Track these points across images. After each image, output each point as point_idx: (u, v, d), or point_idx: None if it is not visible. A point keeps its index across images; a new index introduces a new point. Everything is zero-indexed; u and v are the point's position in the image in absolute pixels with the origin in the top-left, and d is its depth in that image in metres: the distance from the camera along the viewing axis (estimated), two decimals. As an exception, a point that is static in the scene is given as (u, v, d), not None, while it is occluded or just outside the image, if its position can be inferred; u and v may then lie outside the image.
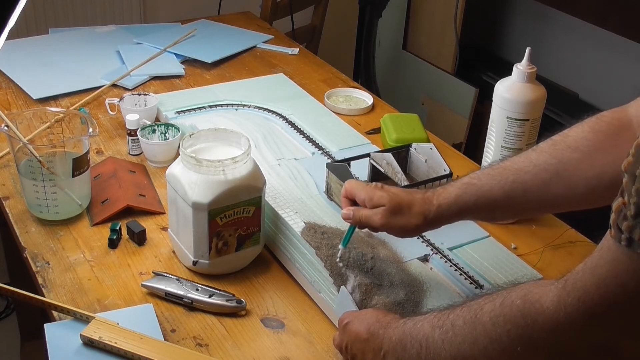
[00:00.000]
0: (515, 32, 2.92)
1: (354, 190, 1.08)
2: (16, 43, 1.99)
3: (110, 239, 1.25)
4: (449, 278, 1.17)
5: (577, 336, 0.69)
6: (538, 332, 0.71)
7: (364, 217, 1.05)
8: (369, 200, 1.05)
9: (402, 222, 1.03)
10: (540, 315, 0.71)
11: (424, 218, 1.02)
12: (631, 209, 0.60)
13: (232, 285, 1.18)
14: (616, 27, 2.23)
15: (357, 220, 1.06)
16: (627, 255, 0.62)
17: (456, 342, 0.80)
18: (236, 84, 1.84)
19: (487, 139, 1.33)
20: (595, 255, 0.66)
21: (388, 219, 1.03)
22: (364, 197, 1.05)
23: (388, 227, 1.04)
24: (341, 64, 2.32)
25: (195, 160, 1.13)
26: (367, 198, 1.05)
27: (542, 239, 1.32)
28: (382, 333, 0.91)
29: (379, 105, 1.81)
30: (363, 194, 1.06)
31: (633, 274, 0.62)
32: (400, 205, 1.03)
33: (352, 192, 1.08)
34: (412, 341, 0.86)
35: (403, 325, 0.89)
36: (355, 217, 1.06)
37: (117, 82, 1.81)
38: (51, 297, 1.13)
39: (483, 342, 0.77)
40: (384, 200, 1.03)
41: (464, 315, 0.80)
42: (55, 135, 1.48)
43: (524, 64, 1.27)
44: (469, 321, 0.79)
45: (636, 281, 0.62)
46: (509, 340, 0.74)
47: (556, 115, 2.52)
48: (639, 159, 0.60)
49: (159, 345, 1.02)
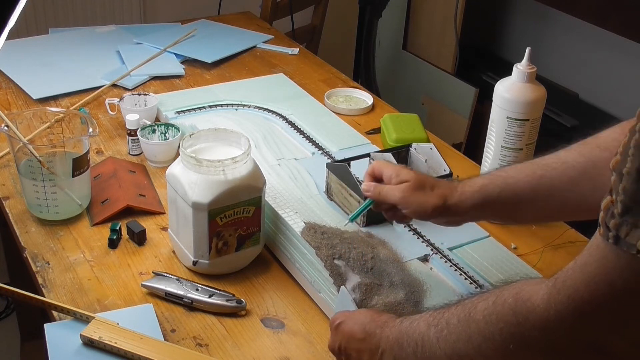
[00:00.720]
0: (515, 32, 2.92)
1: (382, 167, 1.08)
2: (16, 43, 1.99)
3: (110, 239, 1.25)
4: (449, 278, 1.17)
5: (567, 334, 0.69)
6: (529, 330, 0.71)
7: (384, 190, 1.05)
8: (395, 175, 1.05)
9: (420, 200, 1.02)
10: (531, 313, 0.71)
11: (443, 200, 1.02)
12: (618, 206, 0.60)
13: (232, 285, 1.18)
14: (616, 27, 2.23)
15: (377, 193, 1.06)
16: (615, 253, 0.62)
17: (451, 340, 0.80)
18: (236, 84, 1.84)
19: (487, 139, 1.33)
20: (585, 254, 0.66)
21: (408, 194, 1.03)
22: (391, 173, 1.06)
23: (405, 203, 1.04)
24: (341, 64, 2.32)
25: (195, 160, 1.13)
26: (394, 174, 1.06)
27: (542, 239, 1.32)
28: (379, 332, 0.91)
29: (379, 105, 1.81)
30: (390, 170, 1.07)
31: (620, 272, 0.62)
32: (423, 183, 1.03)
33: (380, 169, 1.08)
34: (409, 340, 0.86)
35: (400, 324, 0.89)
36: (375, 190, 1.06)
37: (117, 82, 1.81)
38: (51, 297, 1.13)
39: (477, 340, 0.77)
40: (409, 177, 1.04)
41: (459, 313, 0.80)
42: (55, 135, 1.48)
43: (524, 64, 1.27)
44: (463, 319, 0.79)
45: (623, 279, 0.62)
46: (502, 339, 0.74)
47: (556, 115, 2.52)
48: (626, 157, 0.60)
49: (159, 345, 1.02)
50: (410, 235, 1.25)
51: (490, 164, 1.33)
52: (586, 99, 2.69)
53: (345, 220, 1.21)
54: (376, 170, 1.09)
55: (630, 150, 0.60)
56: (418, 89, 2.84)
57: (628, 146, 0.60)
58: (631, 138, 0.60)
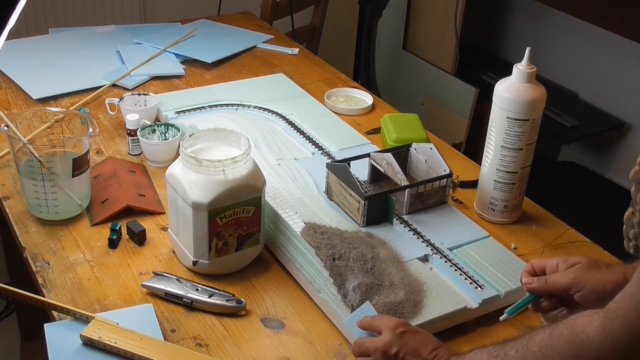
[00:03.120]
0: (515, 32, 2.92)
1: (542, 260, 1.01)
2: (16, 43, 1.99)
3: (110, 239, 1.25)
4: (449, 278, 1.17)
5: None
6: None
7: (551, 278, 0.96)
8: (563, 261, 0.98)
9: (597, 277, 0.93)
10: (587, 345, 0.72)
11: (623, 276, 0.92)
12: (637, 216, 0.60)
13: (232, 285, 1.18)
14: (616, 27, 2.23)
15: (543, 282, 0.97)
16: None
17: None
18: (236, 84, 1.84)
19: (487, 139, 1.33)
20: (633, 282, 0.68)
21: (582, 273, 0.94)
22: (556, 261, 0.99)
23: (580, 283, 0.94)
24: (341, 64, 2.32)
25: (195, 160, 1.13)
26: (560, 260, 0.99)
27: (542, 239, 1.32)
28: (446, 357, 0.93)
29: (379, 105, 1.81)
30: (554, 260, 0.99)
31: None
32: (597, 262, 0.96)
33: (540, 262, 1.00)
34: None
35: (464, 356, 0.92)
36: (540, 280, 0.97)
37: (117, 82, 1.81)
38: (51, 297, 1.13)
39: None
40: (580, 258, 0.97)
41: (517, 345, 0.83)
42: (55, 135, 1.48)
43: (524, 64, 1.27)
44: (520, 350, 0.81)
45: None
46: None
47: (556, 115, 2.53)
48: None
49: (159, 345, 1.02)
50: (410, 235, 1.25)
51: (490, 164, 1.33)
52: (586, 99, 2.69)
53: (347, 222, 1.21)
54: (535, 265, 1.01)
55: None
56: (418, 88, 2.84)
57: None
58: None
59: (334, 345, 1.08)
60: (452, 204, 1.36)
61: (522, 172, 1.33)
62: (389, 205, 1.27)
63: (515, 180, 1.33)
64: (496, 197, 1.35)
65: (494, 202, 1.35)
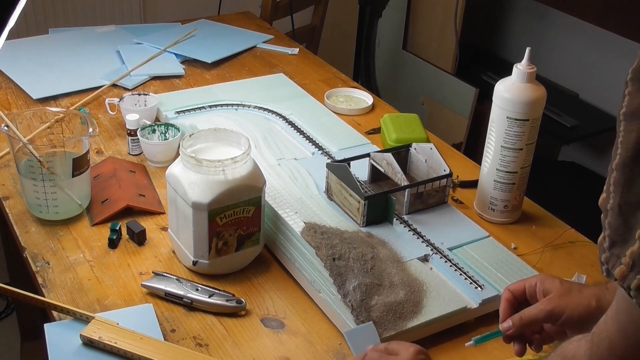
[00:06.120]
0: (515, 32, 2.92)
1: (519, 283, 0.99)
2: (16, 43, 1.99)
3: (110, 239, 1.25)
4: (449, 278, 1.17)
5: None
6: None
7: (525, 313, 0.95)
8: (541, 282, 0.97)
9: (573, 303, 0.93)
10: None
11: (596, 299, 0.93)
12: (607, 241, 0.62)
13: (232, 285, 1.18)
14: (616, 27, 2.23)
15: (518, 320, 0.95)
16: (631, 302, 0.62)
17: None
18: (236, 84, 1.84)
19: (487, 139, 1.33)
20: (614, 304, 0.68)
21: (557, 301, 0.94)
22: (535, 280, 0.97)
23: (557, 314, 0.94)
24: (341, 64, 2.32)
25: (195, 160, 1.13)
26: (539, 281, 0.97)
27: (542, 239, 1.32)
28: None
29: (379, 105, 1.81)
30: (533, 279, 0.98)
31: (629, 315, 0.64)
32: (570, 287, 0.95)
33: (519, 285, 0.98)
34: None
35: None
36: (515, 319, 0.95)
37: (117, 82, 1.81)
38: (51, 297, 1.13)
39: None
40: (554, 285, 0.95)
41: None
42: (55, 135, 1.47)
43: (524, 64, 1.27)
44: None
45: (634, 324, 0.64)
46: None
47: (556, 115, 2.52)
48: (609, 195, 0.63)
49: (159, 345, 1.02)
50: (410, 235, 1.25)
51: (490, 164, 1.33)
52: (586, 99, 2.69)
53: (347, 222, 1.21)
54: (514, 290, 0.99)
55: (611, 187, 0.63)
56: (418, 88, 2.84)
57: (609, 184, 0.63)
58: (610, 176, 0.63)
59: (334, 345, 1.08)
60: (452, 204, 1.36)
61: (522, 172, 1.33)
62: (389, 205, 1.27)
63: (515, 180, 1.33)
64: (496, 197, 1.35)
65: (494, 202, 1.35)
